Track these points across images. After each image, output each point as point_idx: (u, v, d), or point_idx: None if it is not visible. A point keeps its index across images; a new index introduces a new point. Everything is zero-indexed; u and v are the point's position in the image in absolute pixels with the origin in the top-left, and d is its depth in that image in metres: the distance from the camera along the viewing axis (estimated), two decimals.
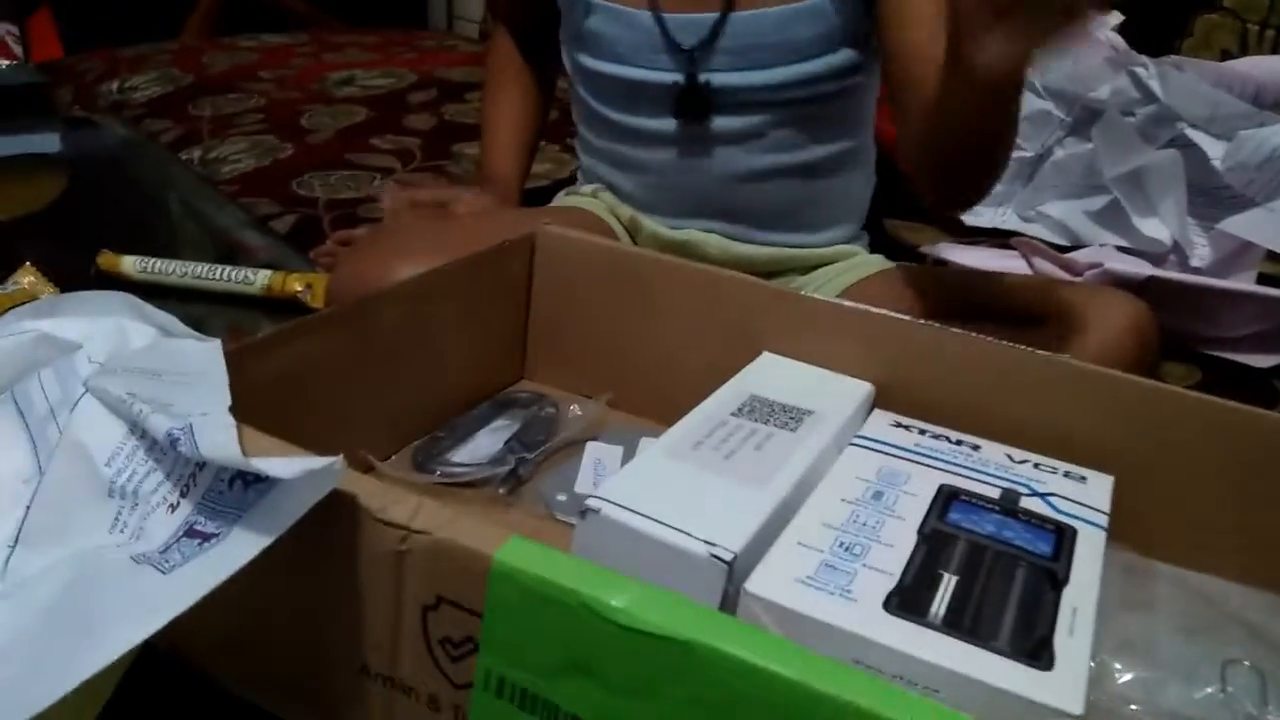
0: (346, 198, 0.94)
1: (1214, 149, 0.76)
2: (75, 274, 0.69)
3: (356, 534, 0.30)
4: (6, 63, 1.68)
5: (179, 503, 0.32)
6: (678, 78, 0.66)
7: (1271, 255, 0.77)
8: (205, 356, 0.36)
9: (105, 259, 0.70)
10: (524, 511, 0.46)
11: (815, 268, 0.72)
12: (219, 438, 0.29)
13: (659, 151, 0.69)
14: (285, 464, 0.29)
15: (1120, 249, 0.84)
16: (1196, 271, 0.79)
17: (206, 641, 0.36)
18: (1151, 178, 0.81)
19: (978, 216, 0.88)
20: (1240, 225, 0.75)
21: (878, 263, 0.71)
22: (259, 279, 0.67)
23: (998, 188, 0.84)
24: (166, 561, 0.29)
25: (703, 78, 0.65)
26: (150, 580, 0.29)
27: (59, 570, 0.31)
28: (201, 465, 0.31)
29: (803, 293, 0.66)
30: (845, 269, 0.71)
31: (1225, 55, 0.84)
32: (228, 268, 0.68)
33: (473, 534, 0.28)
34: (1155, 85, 0.80)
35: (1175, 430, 0.45)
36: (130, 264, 0.69)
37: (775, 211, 0.70)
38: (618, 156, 0.72)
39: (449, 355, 0.52)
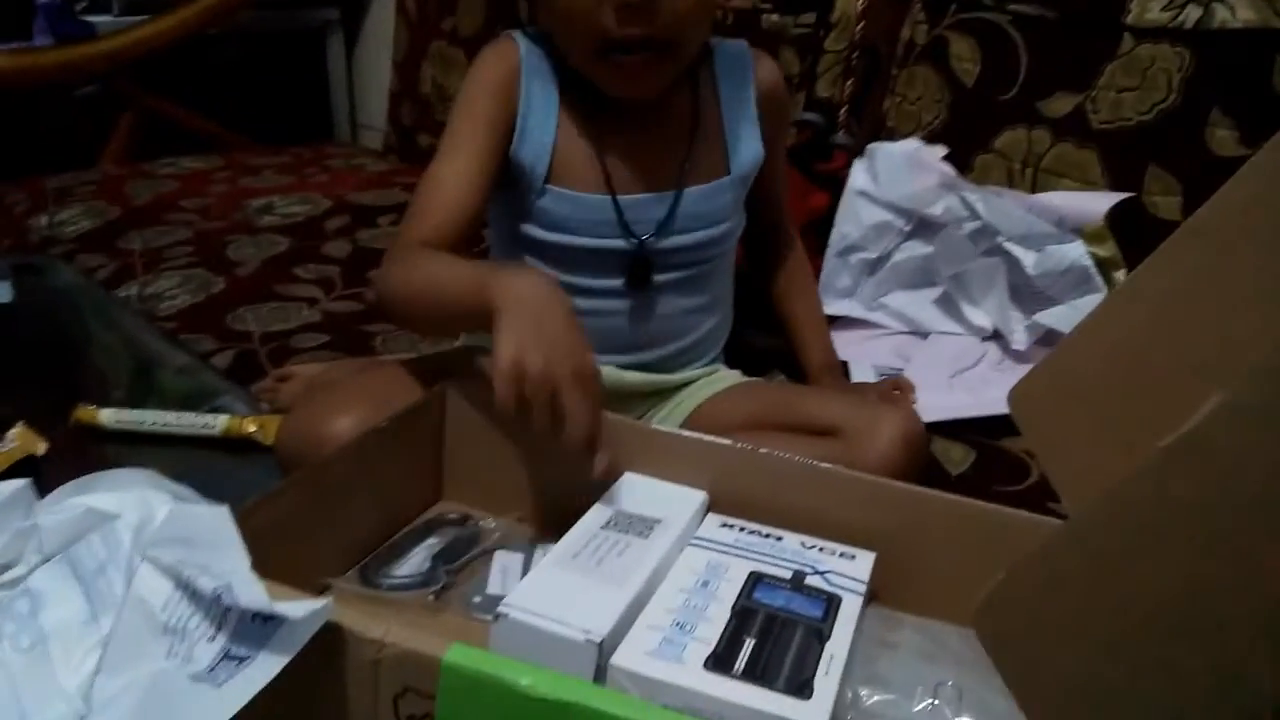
0: (278, 330, 1.08)
1: (1027, 258, 0.97)
2: (54, 426, 0.82)
3: (343, 648, 0.45)
4: None
5: (215, 635, 0.46)
6: (626, 245, 0.78)
7: None
8: (219, 522, 0.51)
9: (83, 412, 0.83)
10: (450, 613, 0.61)
11: (682, 387, 0.89)
12: (252, 590, 0.44)
13: (605, 301, 0.79)
14: (295, 606, 0.44)
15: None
16: (1016, 353, 1.01)
17: None
18: (976, 278, 1.03)
19: (828, 306, 1.07)
20: (1052, 317, 0.96)
21: (728, 378, 0.89)
22: (218, 423, 0.81)
23: (845, 281, 1.07)
24: (215, 679, 0.44)
25: (649, 243, 0.79)
26: (208, 693, 0.43)
27: (134, 689, 0.45)
28: (229, 609, 0.46)
29: (663, 414, 0.84)
30: (704, 385, 0.88)
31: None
32: (190, 414, 0.82)
33: (428, 643, 0.44)
34: (980, 207, 1.00)
35: (921, 517, 0.63)
36: (106, 415, 0.82)
37: (691, 344, 0.85)
38: None
39: (384, 490, 0.67)
